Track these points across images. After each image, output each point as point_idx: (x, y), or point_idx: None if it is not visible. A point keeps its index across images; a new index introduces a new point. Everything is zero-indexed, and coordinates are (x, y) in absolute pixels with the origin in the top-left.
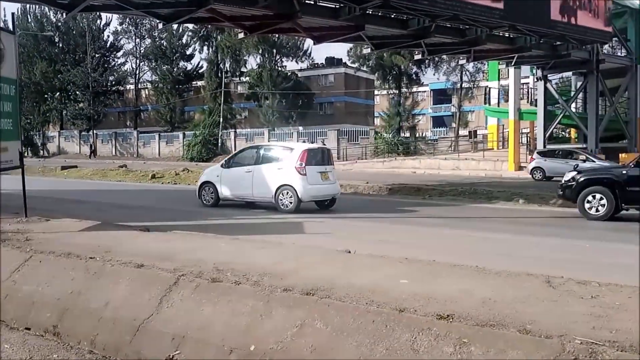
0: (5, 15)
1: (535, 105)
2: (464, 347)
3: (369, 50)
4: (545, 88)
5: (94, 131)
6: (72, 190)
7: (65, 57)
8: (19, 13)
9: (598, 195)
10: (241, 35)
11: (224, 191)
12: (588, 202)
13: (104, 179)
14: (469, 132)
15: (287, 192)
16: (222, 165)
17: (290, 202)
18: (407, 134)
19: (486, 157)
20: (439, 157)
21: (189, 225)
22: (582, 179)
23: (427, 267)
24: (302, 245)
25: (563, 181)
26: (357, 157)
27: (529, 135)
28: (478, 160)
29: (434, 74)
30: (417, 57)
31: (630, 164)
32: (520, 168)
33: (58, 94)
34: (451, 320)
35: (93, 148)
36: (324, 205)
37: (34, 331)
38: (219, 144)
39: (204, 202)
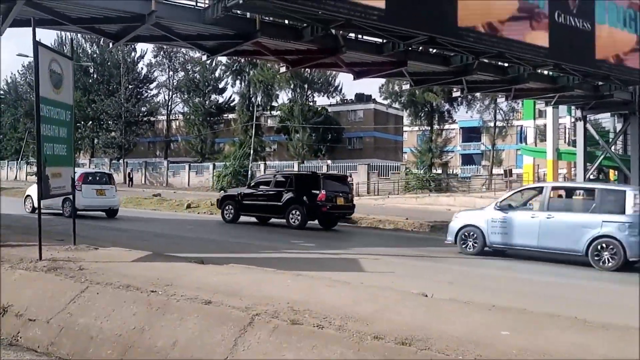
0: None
1: (573, 146)
2: None
3: (407, 86)
4: (585, 129)
5: (125, 160)
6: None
7: (99, 87)
8: (55, 43)
9: None
10: (282, 70)
11: None
12: None
13: (138, 207)
14: (504, 170)
15: None
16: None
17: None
18: (439, 171)
19: None
20: (474, 195)
21: (240, 257)
22: None
23: (522, 316)
24: (371, 285)
25: None
26: (388, 192)
27: (566, 175)
28: None
29: (466, 112)
30: (456, 94)
31: None
32: None
33: (91, 122)
34: None
35: (130, 176)
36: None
37: None
38: (249, 176)
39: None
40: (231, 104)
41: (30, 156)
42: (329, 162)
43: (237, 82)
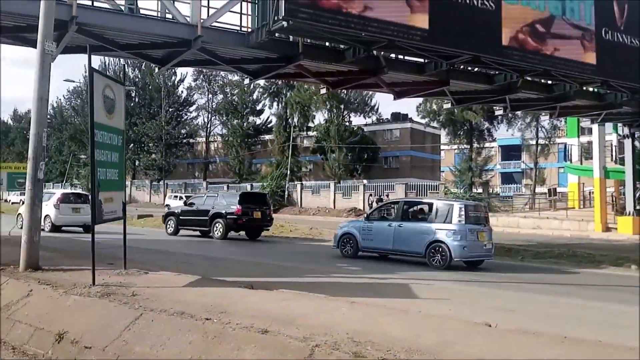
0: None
1: (620, 164)
2: None
3: (449, 105)
4: (634, 146)
5: (165, 181)
6: (154, 239)
7: (140, 110)
8: (99, 68)
9: None
10: (323, 91)
11: None
12: None
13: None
14: (548, 189)
15: None
16: None
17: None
18: (479, 190)
19: (570, 217)
20: (517, 215)
21: (287, 282)
22: None
23: (599, 349)
24: (429, 315)
25: None
26: None
27: (614, 194)
28: (561, 220)
29: (507, 130)
30: (499, 112)
31: None
32: (607, 229)
33: (132, 145)
34: None
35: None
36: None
37: None
38: (286, 196)
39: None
40: (268, 125)
41: (74, 178)
42: (365, 181)
43: (275, 103)
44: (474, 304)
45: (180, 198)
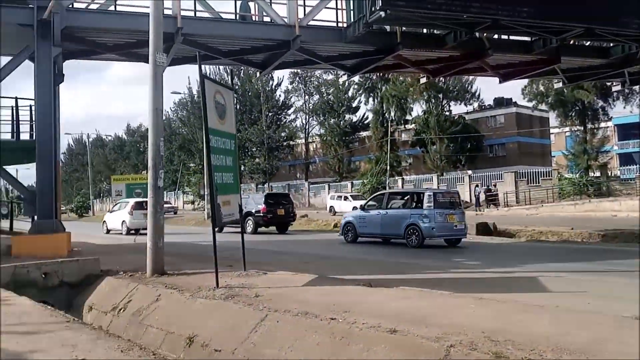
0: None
1: None
2: None
3: (559, 84)
4: None
5: (269, 184)
6: (265, 240)
7: (242, 117)
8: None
9: None
10: (423, 80)
11: None
12: None
13: (292, 228)
14: None
15: None
16: None
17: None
18: (597, 173)
19: None
20: None
21: (405, 279)
22: None
23: None
24: (571, 310)
25: None
26: (540, 200)
27: None
28: None
29: (624, 107)
30: (616, 88)
31: None
32: None
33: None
34: None
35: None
36: None
37: None
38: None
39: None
40: (365, 122)
41: (185, 186)
42: (470, 172)
43: (370, 99)
44: (615, 296)
45: (345, 198)
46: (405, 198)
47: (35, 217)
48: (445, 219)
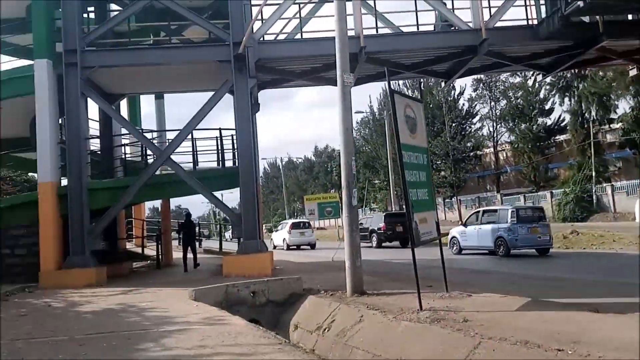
0: (370, 101)
1: None
2: None
3: None
4: None
5: (458, 197)
6: (454, 258)
7: (425, 130)
8: (370, 95)
9: None
10: (633, 72)
11: None
12: None
13: None
14: None
15: None
16: None
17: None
18: None
19: None
20: None
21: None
22: None
23: None
24: None
25: None
26: None
27: None
28: None
29: None
30: None
31: None
32: None
33: None
34: None
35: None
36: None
37: None
38: (594, 201)
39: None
40: (561, 124)
41: (371, 202)
42: None
43: (565, 99)
44: None
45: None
46: (494, 214)
47: (241, 239)
48: (527, 231)
